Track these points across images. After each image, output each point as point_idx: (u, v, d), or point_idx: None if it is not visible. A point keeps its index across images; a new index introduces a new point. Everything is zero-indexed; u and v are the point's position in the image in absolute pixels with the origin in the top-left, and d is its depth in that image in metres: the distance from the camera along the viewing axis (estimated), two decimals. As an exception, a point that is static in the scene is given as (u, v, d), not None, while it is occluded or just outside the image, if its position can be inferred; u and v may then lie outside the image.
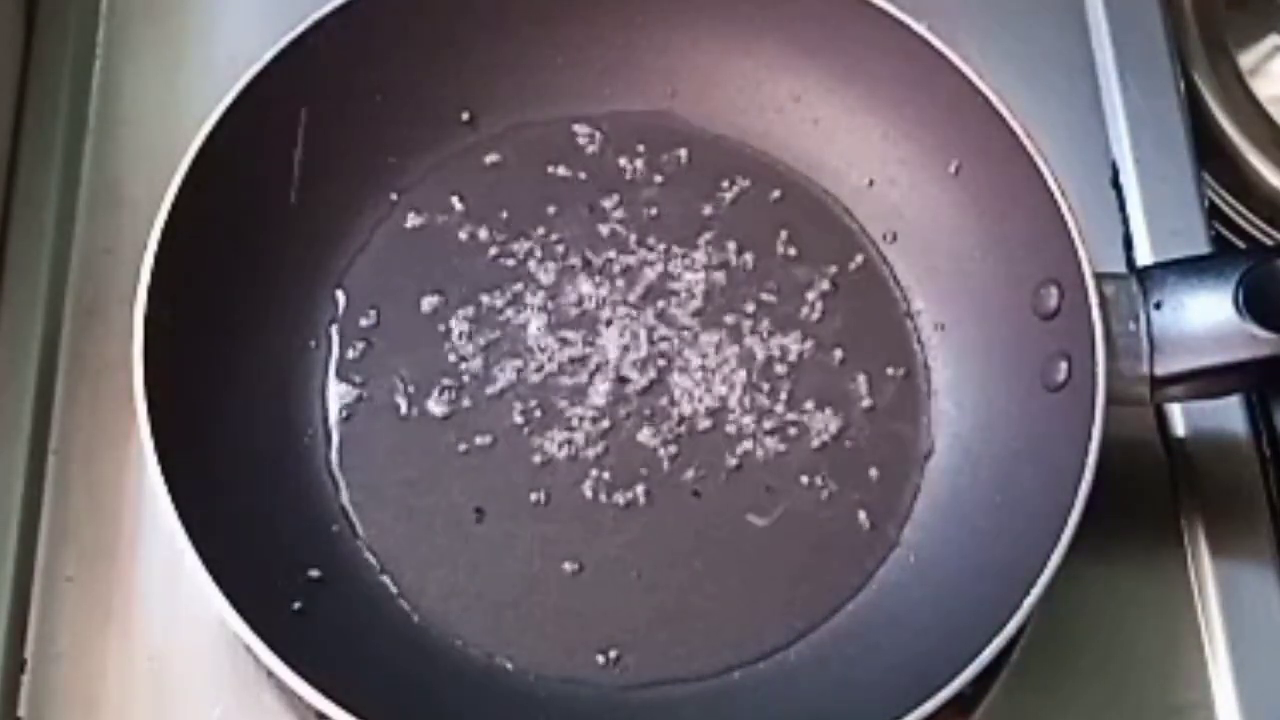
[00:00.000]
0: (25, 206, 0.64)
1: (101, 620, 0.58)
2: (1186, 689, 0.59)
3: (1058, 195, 0.56)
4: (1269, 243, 0.70)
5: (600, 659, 0.56)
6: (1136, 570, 0.61)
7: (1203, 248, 0.66)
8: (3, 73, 0.66)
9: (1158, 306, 0.55)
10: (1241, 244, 0.71)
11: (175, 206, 0.55)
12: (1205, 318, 0.54)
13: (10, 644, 0.57)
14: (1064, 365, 0.56)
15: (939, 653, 0.52)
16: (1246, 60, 0.73)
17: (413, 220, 0.63)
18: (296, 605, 0.54)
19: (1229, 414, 0.63)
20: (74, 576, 0.59)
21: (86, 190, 0.65)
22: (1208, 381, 0.55)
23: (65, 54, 0.68)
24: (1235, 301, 0.53)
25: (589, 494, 0.59)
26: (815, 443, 0.60)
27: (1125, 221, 0.67)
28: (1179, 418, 0.63)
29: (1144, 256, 0.66)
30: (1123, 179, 0.68)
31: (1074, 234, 0.55)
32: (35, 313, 0.62)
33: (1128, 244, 0.66)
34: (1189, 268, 0.56)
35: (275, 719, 0.57)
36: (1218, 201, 0.71)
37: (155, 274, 0.54)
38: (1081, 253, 0.55)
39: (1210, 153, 0.70)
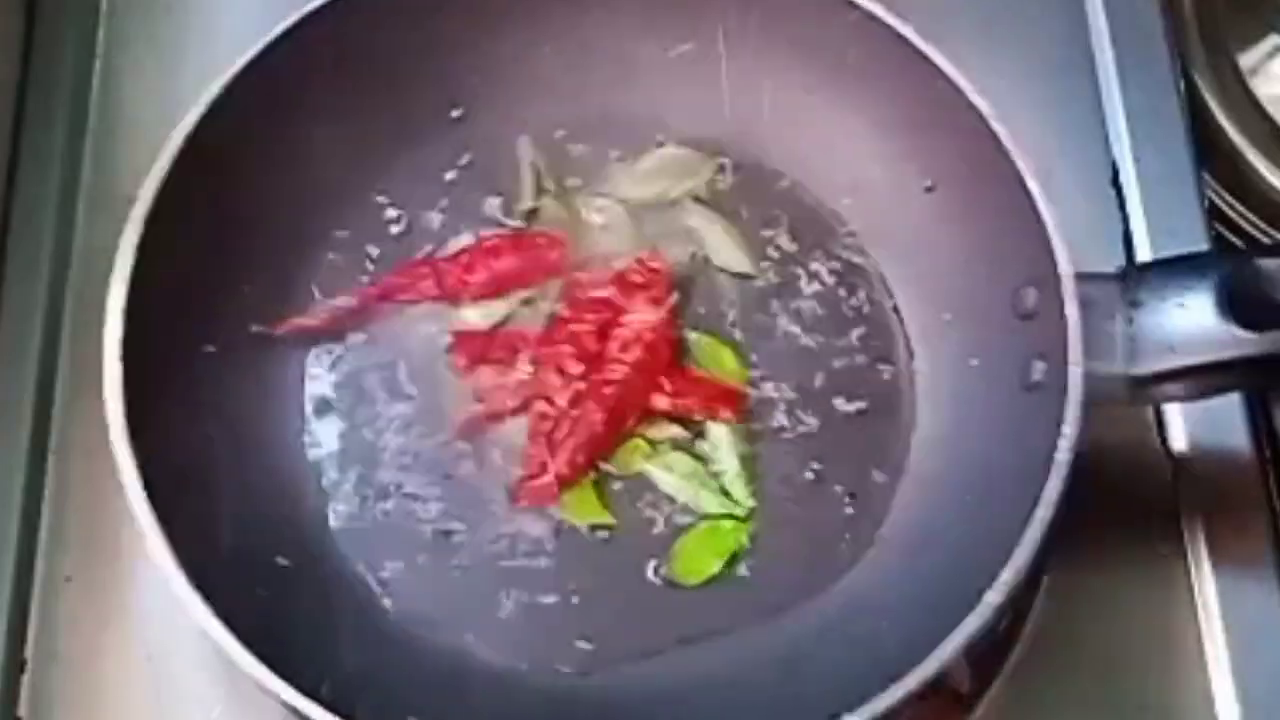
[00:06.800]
0: (25, 206, 0.64)
1: (101, 620, 0.58)
2: (1186, 689, 0.59)
3: (1036, 195, 0.55)
4: (1268, 242, 0.70)
5: (572, 646, 0.56)
6: (1136, 571, 0.61)
7: (1203, 247, 0.66)
8: (3, 73, 0.66)
9: (1137, 306, 0.53)
10: (1241, 244, 0.71)
11: (158, 198, 0.55)
12: (1185, 318, 0.52)
13: (10, 644, 0.57)
14: (1041, 365, 0.55)
15: (915, 641, 0.51)
16: (1246, 60, 0.73)
17: (400, 218, 0.63)
18: (264, 594, 0.54)
19: (1229, 417, 0.63)
20: (74, 576, 0.59)
21: (86, 190, 0.65)
22: (1189, 382, 0.54)
23: (65, 54, 0.68)
24: (1215, 301, 0.52)
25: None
26: (798, 439, 0.60)
27: (1125, 221, 0.67)
28: (1179, 421, 0.63)
29: (1144, 256, 0.66)
30: (1123, 179, 0.68)
31: (1051, 234, 0.54)
32: (35, 313, 0.63)
33: (1128, 244, 0.66)
34: (1169, 267, 0.55)
35: (274, 719, 0.57)
36: (1218, 201, 0.71)
37: (136, 266, 0.54)
38: (1058, 253, 0.54)
39: (1210, 153, 0.70)
